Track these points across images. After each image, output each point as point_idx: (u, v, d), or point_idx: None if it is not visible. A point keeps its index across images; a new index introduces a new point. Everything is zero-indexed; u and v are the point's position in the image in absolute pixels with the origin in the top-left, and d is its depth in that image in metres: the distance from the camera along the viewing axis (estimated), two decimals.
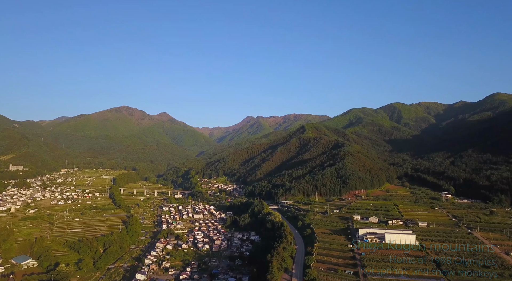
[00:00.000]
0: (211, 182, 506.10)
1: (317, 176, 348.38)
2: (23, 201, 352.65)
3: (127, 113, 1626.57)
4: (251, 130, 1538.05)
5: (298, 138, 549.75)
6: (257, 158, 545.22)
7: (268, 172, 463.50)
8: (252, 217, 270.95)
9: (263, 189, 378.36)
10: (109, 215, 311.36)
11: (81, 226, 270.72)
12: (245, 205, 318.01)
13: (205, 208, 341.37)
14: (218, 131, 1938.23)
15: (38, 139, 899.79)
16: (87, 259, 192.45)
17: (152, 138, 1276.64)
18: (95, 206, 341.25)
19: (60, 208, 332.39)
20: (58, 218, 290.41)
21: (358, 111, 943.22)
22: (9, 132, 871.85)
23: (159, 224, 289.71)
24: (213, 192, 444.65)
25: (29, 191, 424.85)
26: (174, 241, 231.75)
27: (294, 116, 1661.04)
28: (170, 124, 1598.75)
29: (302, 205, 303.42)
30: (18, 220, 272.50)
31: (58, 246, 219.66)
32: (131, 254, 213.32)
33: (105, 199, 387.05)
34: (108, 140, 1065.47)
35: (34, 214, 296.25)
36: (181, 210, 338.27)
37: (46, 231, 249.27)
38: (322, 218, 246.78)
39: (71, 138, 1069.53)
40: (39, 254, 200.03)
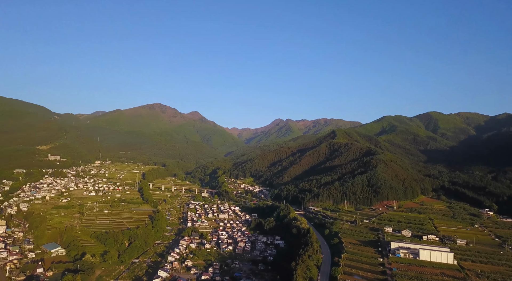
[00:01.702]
0: (238, 183, 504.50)
1: (347, 183, 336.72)
2: (57, 190, 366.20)
3: (159, 111, 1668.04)
4: (279, 133, 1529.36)
5: (328, 143, 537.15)
6: (284, 161, 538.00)
7: (296, 176, 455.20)
8: (277, 221, 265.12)
9: (290, 193, 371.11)
10: (137, 209, 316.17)
11: (109, 218, 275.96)
12: (270, 208, 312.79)
13: (230, 208, 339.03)
14: (246, 133, 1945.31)
15: (75, 131, 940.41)
16: (112, 252, 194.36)
17: (183, 136, 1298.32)
18: (124, 199, 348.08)
19: (91, 199, 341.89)
20: (88, 209, 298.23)
21: (392, 118, 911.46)
22: (50, 123, 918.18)
23: (184, 221, 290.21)
24: (239, 192, 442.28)
25: (64, 181, 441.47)
26: (198, 239, 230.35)
27: (325, 121, 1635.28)
28: (201, 123, 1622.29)
29: (329, 212, 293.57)
30: (52, 208, 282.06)
31: (86, 236, 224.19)
32: (155, 250, 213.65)
33: (134, 193, 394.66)
34: (140, 136, 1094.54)
35: (67, 203, 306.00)
36: (206, 208, 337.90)
37: (76, 220, 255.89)
38: (351, 227, 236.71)
39: (105, 132, 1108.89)
40: (68, 243, 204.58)
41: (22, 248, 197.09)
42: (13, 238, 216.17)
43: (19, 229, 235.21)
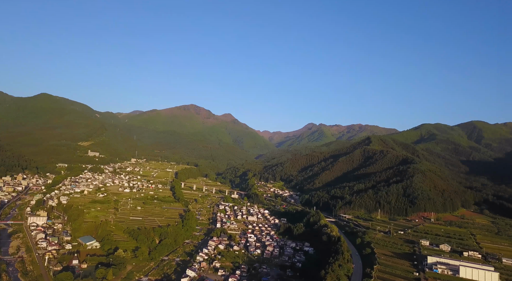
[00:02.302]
0: (268, 186, 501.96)
1: (381, 191, 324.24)
2: (95, 185, 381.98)
3: (194, 112, 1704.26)
4: (311, 138, 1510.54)
5: (362, 150, 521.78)
6: (316, 166, 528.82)
7: (327, 182, 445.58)
8: (307, 227, 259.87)
9: (321, 199, 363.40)
10: (168, 207, 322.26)
11: (142, 215, 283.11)
12: (300, 214, 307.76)
13: (259, 211, 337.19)
14: (278, 136, 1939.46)
15: (114, 129, 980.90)
16: (143, 248, 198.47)
17: (215, 137, 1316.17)
18: (156, 197, 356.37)
19: (125, 195, 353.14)
20: (122, 205, 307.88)
21: (431, 127, 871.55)
22: (91, 121, 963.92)
23: (214, 222, 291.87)
24: (269, 196, 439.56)
25: (102, 176, 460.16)
26: (226, 241, 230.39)
27: (359, 127, 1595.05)
28: (233, 125, 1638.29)
29: (362, 221, 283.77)
30: (89, 202, 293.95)
31: (119, 231, 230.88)
32: (184, 249, 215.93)
33: (166, 191, 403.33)
34: (174, 135, 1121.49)
35: (103, 198, 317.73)
36: (236, 210, 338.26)
37: (111, 215, 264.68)
38: (384, 238, 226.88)
39: (142, 131, 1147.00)
40: (102, 237, 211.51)
41: (60, 239, 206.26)
42: (53, 229, 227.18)
43: (58, 220, 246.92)
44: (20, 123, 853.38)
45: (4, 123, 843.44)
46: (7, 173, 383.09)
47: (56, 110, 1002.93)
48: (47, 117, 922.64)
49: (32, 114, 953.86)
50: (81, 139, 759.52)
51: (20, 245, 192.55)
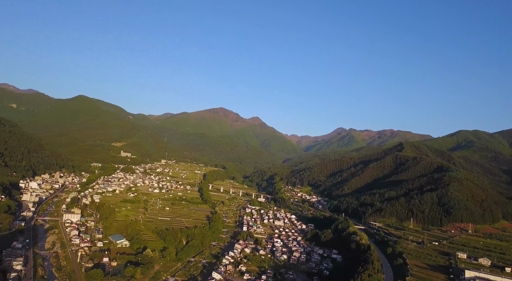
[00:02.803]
0: (295, 190, 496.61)
1: (414, 200, 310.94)
2: (126, 185, 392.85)
3: (222, 115, 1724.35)
4: (341, 142, 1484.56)
5: (394, 156, 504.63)
6: (345, 172, 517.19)
7: (357, 188, 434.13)
8: (335, 234, 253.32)
9: (350, 205, 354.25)
10: (196, 208, 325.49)
11: (170, 215, 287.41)
12: (328, 220, 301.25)
13: (286, 216, 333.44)
14: (306, 140, 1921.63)
15: (145, 131, 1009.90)
16: (170, 248, 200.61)
17: (243, 140, 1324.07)
18: (184, 198, 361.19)
19: (155, 195, 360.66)
20: (151, 205, 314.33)
21: (469, 133, 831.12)
22: (124, 122, 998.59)
23: (240, 225, 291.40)
24: (296, 200, 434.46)
25: (133, 176, 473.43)
26: (252, 245, 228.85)
27: (391, 133, 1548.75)
28: (261, 128, 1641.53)
29: (393, 229, 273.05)
30: (120, 201, 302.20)
31: (148, 231, 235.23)
32: (210, 251, 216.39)
33: (194, 193, 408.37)
34: (203, 138, 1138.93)
35: (133, 198, 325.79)
36: (262, 214, 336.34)
37: (140, 215, 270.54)
38: (417, 248, 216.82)
39: (172, 133, 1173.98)
40: (132, 236, 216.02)
41: (92, 237, 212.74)
42: (85, 226, 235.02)
43: (91, 218, 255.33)
44: (59, 124, 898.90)
45: (45, 124, 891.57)
46: (46, 171, 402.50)
47: (92, 111, 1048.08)
48: (84, 118, 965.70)
49: (70, 115, 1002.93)
50: (115, 140, 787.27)
51: (56, 241, 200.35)
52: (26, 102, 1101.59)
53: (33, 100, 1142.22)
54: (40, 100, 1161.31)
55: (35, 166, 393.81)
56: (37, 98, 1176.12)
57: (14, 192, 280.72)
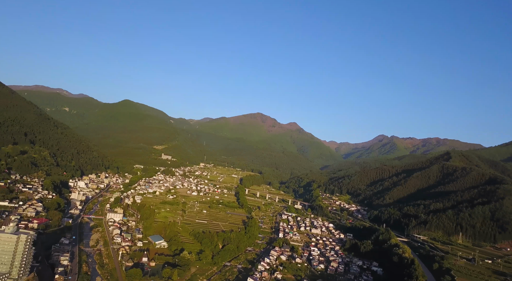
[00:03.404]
0: (333, 198, 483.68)
1: (463, 213, 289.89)
2: (166, 187, 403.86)
3: (260, 120, 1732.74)
4: (382, 150, 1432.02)
5: (440, 165, 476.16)
6: (387, 181, 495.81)
7: (399, 198, 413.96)
8: (375, 245, 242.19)
9: (391, 216, 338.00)
10: (232, 212, 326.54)
11: (207, 218, 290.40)
12: (368, 230, 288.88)
13: (323, 224, 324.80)
14: (345, 147, 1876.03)
15: (186, 135, 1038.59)
16: (207, 252, 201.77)
17: (280, 146, 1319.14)
18: (221, 202, 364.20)
19: (193, 198, 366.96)
20: (189, 207, 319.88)
21: None
22: (166, 126, 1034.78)
23: (276, 231, 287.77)
24: (334, 209, 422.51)
25: (172, 179, 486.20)
26: (288, 252, 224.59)
27: (437, 141, 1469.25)
28: (298, 134, 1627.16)
29: (439, 244, 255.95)
30: (160, 203, 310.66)
31: (185, 233, 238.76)
32: (246, 256, 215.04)
33: (230, 197, 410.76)
34: (241, 142, 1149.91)
35: (172, 200, 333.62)
36: (299, 221, 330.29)
37: (179, 217, 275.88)
38: (468, 266, 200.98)
39: (211, 137, 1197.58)
40: (170, 237, 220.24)
41: (133, 236, 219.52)
42: (127, 226, 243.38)
43: (132, 218, 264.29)
44: (106, 127, 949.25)
45: (93, 127, 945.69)
46: (93, 171, 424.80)
47: (136, 115, 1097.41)
48: (128, 121, 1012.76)
49: (115, 118, 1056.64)
50: (156, 143, 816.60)
51: (99, 239, 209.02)
52: (77, 106, 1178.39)
53: (84, 104, 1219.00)
54: (90, 105, 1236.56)
55: (83, 166, 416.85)
56: (87, 103, 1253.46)
57: (64, 190, 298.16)
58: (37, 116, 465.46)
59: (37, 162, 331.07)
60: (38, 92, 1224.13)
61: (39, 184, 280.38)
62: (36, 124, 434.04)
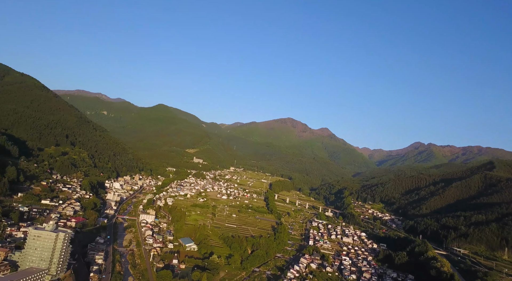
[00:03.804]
0: (365, 207, 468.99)
1: (510, 227, 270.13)
2: (197, 190, 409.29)
3: (290, 125, 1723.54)
4: (418, 158, 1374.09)
5: (482, 175, 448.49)
6: (423, 190, 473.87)
7: (437, 208, 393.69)
8: (410, 257, 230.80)
9: (428, 227, 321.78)
10: (261, 218, 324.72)
11: (236, 223, 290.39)
12: (403, 241, 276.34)
13: (355, 233, 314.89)
14: (379, 154, 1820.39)
15: (217, 139, 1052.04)
16: (236, 256, 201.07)
17: (310, 151, 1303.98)
18: (250, 206, 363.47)
19: (223, 201, 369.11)
20: (219, 211, 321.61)
21: None
22: (198, 130, 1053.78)
23: (306, 238, 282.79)
24: (366, 217, 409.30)
25: (203, 182, 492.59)
26: (319, 260, 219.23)
27: (478, 149, 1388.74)
28: (329, 140, 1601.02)
29: (482, 259, 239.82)
30: (190, 205, 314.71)
31: (215, 236, 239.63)
32: (275, 262, 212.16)
33: (260, 202, 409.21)
34: (270, 147, 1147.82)
35: (203, 203, 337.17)
36: (330, 229, 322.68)
37: (208, 220, 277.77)
38: None
39: (241, 142, 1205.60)
40: (200, 240, 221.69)
41: (164, 238, 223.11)
42: (158, 228, 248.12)
43: (164, 220, 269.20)
44: (141, 130, 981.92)
45: (129, 130, 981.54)
46: (128, 173, 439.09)
47: (170, 119, 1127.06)
48: (162, 125, 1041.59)
49: (150, 122, 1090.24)
50: (188, 146, 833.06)
51: (132, 239, 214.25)
52: (115, 110, 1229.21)
53: (121, 108, 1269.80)
54: (127, 108, 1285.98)
55: (119, 168, 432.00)
56: (124, 107, 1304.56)
57: (100, 190, 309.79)
58: (77, 119, 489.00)
59: (76, 162, 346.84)
60: (80, 96, 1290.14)
61: (77, 184, 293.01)
62: (76, 127, 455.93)
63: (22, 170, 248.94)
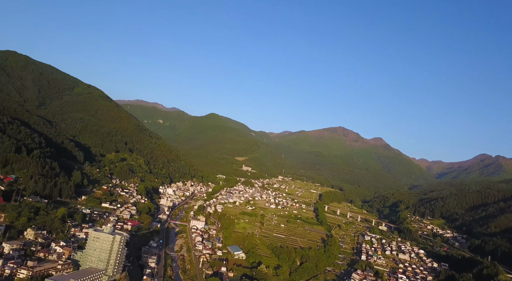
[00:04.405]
0: (424, 222, 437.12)
1: None
2: (245, 198, 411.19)
3: (341, 134, 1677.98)
4: (484, 171, 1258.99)
5: None
6: (491, 207, 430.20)
7: (508, 227, 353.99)
8: (477, 280, 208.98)
9: (499, 247, 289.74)
10: (310, 229, 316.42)
11: (285, 233, 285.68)
12: (467, 261, 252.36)
13: (413, 250, 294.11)
14: (438, 166, 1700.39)
15: (265, 147, 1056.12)
16: (284, 267, 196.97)
17: (363, 162, 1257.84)
18: (299, 217, 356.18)
19: (271, 210, 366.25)
20: (267, 220, 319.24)
21: None
22: (247, 138, 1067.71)
23: (358, 253, 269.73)
24: (425, 233, 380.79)
25: (252, 190, 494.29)
26: (372, 277, 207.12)
27: None
28: (383, 150, 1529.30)
29: None
30: (239, 213, 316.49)
31: (263, 246, 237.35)
32: (325, 276, 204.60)
33: (309, 213, 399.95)
34: (320, 157, 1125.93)
35: (251, 211, 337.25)
36: (384, 244, 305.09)
37: (257, 229, 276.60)
38: None
39: (290, 151, 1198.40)
40: (248, 249, 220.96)
41: (213, 245, 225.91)
42: (208, 234, 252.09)
43: (213, 227, 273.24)
44: (193, 138, 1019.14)
45: (182, 138, 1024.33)
46: (180, 179, 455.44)
47: (221, 128, 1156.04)
48: (213, 133, 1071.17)
49: (202, 130, 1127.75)
50: (238, 154, 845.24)
51: (183, 244, 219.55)
52: (170, 119, 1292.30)
53: (175, 117, 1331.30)
54: (181, 117, 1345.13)
55: (172, 174, 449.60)
56: (178, 116, 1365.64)
57: (154, 196, 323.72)
58: (136, 128, 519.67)
59: (133, 168, 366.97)
60: (138, 106, 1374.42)
61: (134, 189, 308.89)
62: (135, 134, 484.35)
63: (86, 174, 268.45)
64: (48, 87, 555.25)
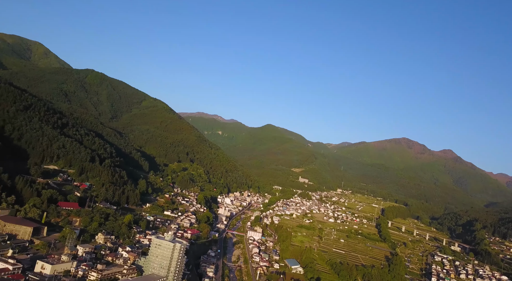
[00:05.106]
0: (506, 244, 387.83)
1: None
2: (302, 210, 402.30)
3: (406, 146, 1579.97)
4: None
5: None
6: None
7: None
8: None
9: None
10: (373, 245, 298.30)
11: (345, 249, 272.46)
12: None
13: (493, 275, 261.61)
14: None
15: (323, 159, 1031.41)
16: None
17: (430, 175, 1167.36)
18: (360, 232, 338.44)
19: (329, 224, 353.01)
20: (326, 234, 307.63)
21: None
22: (303, 150, 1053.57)
23: (428, 274, 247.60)
24: (508, 257, 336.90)
25: (309, 203, 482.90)
26: None
27: None
28: (454, 163, 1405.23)
29: None
30: (296, 226, 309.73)
31: (322, 261, 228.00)
32: None
33: (371, 228, 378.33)
34: (382, 169, 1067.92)
35: (309, 224, 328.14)
36: (457, 266, 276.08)
37: (315, 243, 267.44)
38: None
39: (349, 163, 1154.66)
40: (306, 263, 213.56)
41: (270, 257, 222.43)
42: (265, 246, 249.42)
43: (270, 238, 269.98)
44: (251, 149, 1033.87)
45: (240, 148, 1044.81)
46: (237, 189, 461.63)
47: (277, 139, 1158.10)
48: (270, 145, 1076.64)
49: (259, 142, 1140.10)
50: (294, 166, 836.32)
51: (240, 255, 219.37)
52: (228, 130, 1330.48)
53: (233, 128, 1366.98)
54: (238, 129, 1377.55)
55: (229, 184, 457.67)
56: (236, 127, 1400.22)
57: (213, 205, 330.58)
58: (196, 138, 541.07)
59: (194, 178, 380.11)
60: (199, 118, 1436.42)
61: (194, 198, 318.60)
62: (195, 145, 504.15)
63: (151, 183, 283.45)
64: (119, 101, 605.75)
